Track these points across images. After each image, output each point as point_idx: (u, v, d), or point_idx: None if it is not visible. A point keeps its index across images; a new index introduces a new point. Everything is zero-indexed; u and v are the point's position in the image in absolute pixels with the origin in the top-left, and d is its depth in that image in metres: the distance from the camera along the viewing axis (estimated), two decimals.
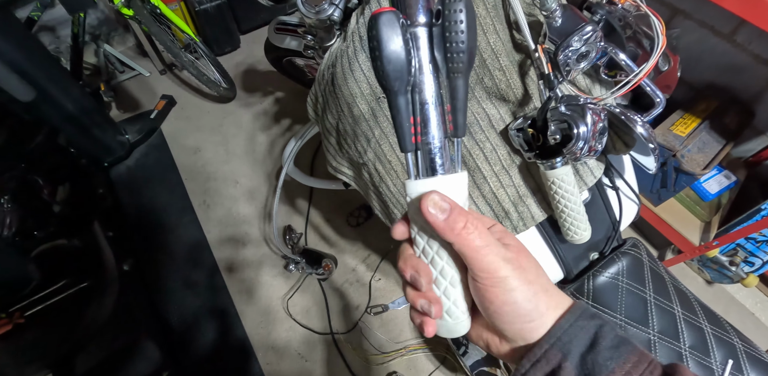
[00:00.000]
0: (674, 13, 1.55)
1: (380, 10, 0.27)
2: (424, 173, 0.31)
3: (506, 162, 0.57)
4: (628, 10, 0.57)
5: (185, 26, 1.81)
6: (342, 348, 1.38)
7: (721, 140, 1.41)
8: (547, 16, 0.52)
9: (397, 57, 0.27)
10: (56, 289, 0.91)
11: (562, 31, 0.52)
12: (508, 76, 0.54)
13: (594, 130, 0.49)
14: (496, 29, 0.54)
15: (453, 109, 0.30)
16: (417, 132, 0.30)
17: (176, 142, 1.93)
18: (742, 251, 1.47)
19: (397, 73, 0.28)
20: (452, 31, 0.27)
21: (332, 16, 0.70)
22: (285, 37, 1.32)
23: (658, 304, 0.67)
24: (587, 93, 0.61)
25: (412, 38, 0.30)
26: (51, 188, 1.06)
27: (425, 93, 0.30)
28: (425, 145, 0.30)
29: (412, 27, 0.30)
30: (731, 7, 0.97)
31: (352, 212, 1.60)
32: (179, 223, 1.65)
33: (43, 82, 1.37)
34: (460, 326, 0.32)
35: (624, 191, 0.67)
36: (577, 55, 0.50)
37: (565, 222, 0.57)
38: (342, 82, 0.61)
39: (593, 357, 0.27)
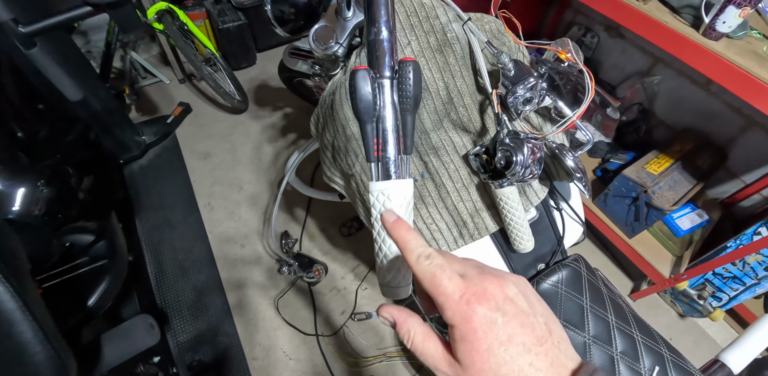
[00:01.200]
0: (656, 62, 1.69)
1: (357, 68, 0.41)
2: (382, 177, 0.44)
3: (466, 181, 0.70)
4: (573, 66, 0.71)
5: (208, 42, 1.97)
6: (325, 350, 1.47)
7: (692, 180, 1.49)
8: (502, 68, 0.66)
9: (366, 99, 0.41)
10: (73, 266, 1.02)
11: (513, 80, 0.65)
12: (470, 112, 0.68)
13: (533, 159, 0.62)
14: (462, 75, 0.68)
15: (403, 135, 0.43)
16: (378, 149, 0.43)
17: (188, 147, 2.07)
18: (710, 286, 1.53)
19: (366, 109, 0.41)
20: (404, 84, 0.41)
21: (337, 52, 0.84)
22: (297, 60, 1.47)
23: (594, 311, 0.78)
24: (538, 129, 0.74)
25: (379, 86, 0.43)
26: (78, 177, 1.19)
27: (386, 123, 0.43)
28: (384, 159, 0.43)
29: (381, 78, 0.43)
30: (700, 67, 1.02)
31: (345, 223, 1.72)
32: (184, 221, 1.77)
33: (79, 82, 1.52)
34: (401, 290, 0.44)
35: (570, 214, 0.79)
36: (523, 99, 0.63)
37: (512, 233, 0.69)
38: (339, 108, 0.75)
39: None
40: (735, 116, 1.47)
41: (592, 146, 1.26)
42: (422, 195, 0.73)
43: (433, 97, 0.68)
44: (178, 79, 2.39)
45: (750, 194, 1.52)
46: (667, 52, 1.10)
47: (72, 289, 0.98)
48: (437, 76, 0.67)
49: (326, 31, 0.83)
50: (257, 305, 1.57)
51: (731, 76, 0.97)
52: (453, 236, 0.74)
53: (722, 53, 0.96)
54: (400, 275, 0.43)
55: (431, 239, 0.75)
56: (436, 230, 0.74)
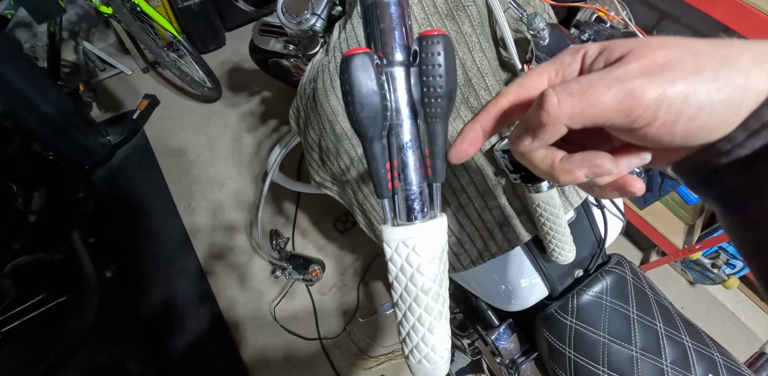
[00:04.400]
0: (662, 17, 1.55)
1: (353, 52, 0.26)
2: (401, 218, 0.30)
3: (491, 183, 0.56)
4: (616, 27, 0.56)
5: (167, 24, 1.76)
6: (330, 353, 1.38)
7: None
8: (534, 35, 0.50)
9: (371, 102, 0.26)
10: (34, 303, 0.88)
11: (549, 50, 0.51)
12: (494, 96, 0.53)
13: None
14: (482, 47, 0.52)
15: (431, 153, 0.28)
16: (394, 176, 0.29)
17: (160, 144, 1.89)
18: (724, 253, 1.49)
19: (371, 120, 0.26)
20: (430, 75, 0.26)
21: (314, 27, 0.68)
22: (270, 39, 1.29)
23: (641, 321, 0.67)
24: None
25: (389, 78, 0.28)
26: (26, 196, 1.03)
27: (403, 136, 0.29)
28: (403, 191, 0.29)
29: (389, 66, 0.28)
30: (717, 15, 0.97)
31: (339, 218, 1.59)
32: (163, 227, 1.62)
33: (19, 84, 1.33)
34: (438, 370, 0.32)
35: (609, 209, 0.67)
36: None
37: (551, 244, 0.56)
38: (323, 99, 0.60)
39: None
40: None
41: None
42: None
43: None
44: (141, 68, 2.17)
45: None
46: (676, 6, 1.01)
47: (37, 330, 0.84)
48: None
49: (298, 0, 0.66)
50: (253, 312, 1.45)
51: (753, 22, 0.89)
52: (477, 249, 0.61)
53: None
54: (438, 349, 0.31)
55: (451, 253, 0.62)
56: (456, 244, 0.61)
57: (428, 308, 0.30)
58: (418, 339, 0.31)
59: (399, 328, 0.32)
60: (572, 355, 0.67)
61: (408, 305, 0.30)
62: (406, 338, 0.31)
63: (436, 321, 0.30)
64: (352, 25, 0.56)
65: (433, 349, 0.31)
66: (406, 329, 0.31)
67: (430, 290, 0.29)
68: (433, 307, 0.30)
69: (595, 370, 0.67)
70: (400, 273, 0.29)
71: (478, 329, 0.86)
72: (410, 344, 0.31)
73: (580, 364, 0.67)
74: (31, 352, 0.84)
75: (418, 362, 0.31)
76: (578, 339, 0.67)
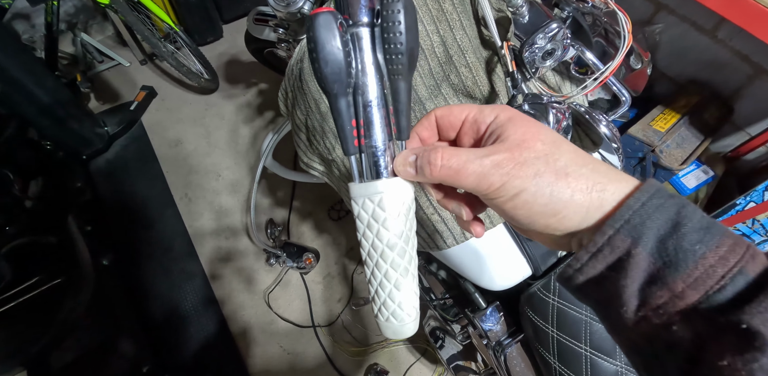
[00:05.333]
0: (658, 9, 1.55)
1: (318, 11, 0.26)
2: (368, 176, 0.31)
3: None
4: (597, 7, 0.57)
5: (164, 15, 1.76)
6: (324, 341, 1.39)
7: (700, 136, 1.42)
8: (513, 12, 0.51)
9: (335, 59, 0.27)
10: (29, 285, 0.90)
11: (528, 28, 0.51)
12: (475, 73, 0.54)
13: (558, 128, 0.49)
14: (462, 25, 0.53)
15: (396, 111, 0.29)
16: (360, 134, 0.30)
17: (157, 135, 1.90)
18: None
19: (335, 76, 0.27)
20: (391, 32, 0.27)
21: (302, 9, 0.68)
22: (264, 28, 1.30)
23: None
24: (556, 90, 0.60)
25: (355, 39, 0.29)
26: (22, 183, 1.04)
27: (368, 94, 0.29)
28: (369, 148, 0.30)
29: (354, 27, 0.29)
30: (712, 5, 0.97)
31: (333, 206, 1.60)
32: (160, 217, 1.63)
33: (16, 73, 1.34)
34: (406, 328, 0.32)
35: None
36: (542, 52, 0.50)
37: None
38: (309, 78, 0.60)
39: (676, 241, 0.21)
40: (743, 65, 1.37)
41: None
42: None
43: (427, 57, 0.53)
44: (138, 60, 2.17)
45: (755, 146, 1.45)
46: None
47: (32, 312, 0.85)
48: (431, 29, 0.52)
49: None
50: (248, 300, 1.47)
51: (748, 12, 0.90)
52: (460, 227, 0.61)
53: None
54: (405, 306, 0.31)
55: (434, 231, 0.63)
56: (440, 221, 0.62)
57: (394, 263, 0.30)
58: (385, 296, 0.31)
59: (368, 286, 0.33)
60: (555, 334, 0.68)
61: (375, 262, 0.31)
62: (374, 295, 0.32)
63: (402, 277, 0.31)
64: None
65: (400, 305, 0.31)
66: (374, 287, 0.32)
67: (396, 245, 0.30)
68: (399, 263, 0.30)
69: (577, 348, 0.67)
70: (367, 229, 0.30)
71: (467, 313, 0.87)
72: (378, 302, 0.32)
73: (563, 342, 0.68)
74: (26, 333, 0.86)
75: (386, 319, 0.32)
76: (561, 317, 0.67)
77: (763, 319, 0.19)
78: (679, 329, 0.21)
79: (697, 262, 0.21)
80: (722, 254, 0.21)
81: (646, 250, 0.22)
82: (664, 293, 0.21)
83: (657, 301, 0.22)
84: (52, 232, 0.97)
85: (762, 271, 0.21)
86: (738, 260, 0.21)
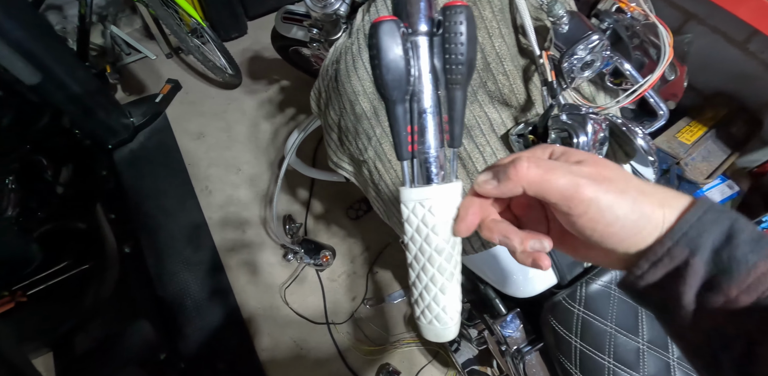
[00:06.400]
0: (687, 18, 1.53)
1: (381, 19, 0.27)
2: (419, 181, 0.31)
3: None
4: (636, 18, 0.57)
5: (192, 10, 1.79)
6: (337, 338, 1.40)
7: (727, 150, 1.39)
8: (553, 22, 0.51)
9: (396, 66, 0.28)
10: (58, 269, 0.93)
11: (568, 38, 0.52)
12: (512, 81, 0.54)
13: (594, 140, 0.49)
14: (501, 33, 0.53)
15: (450, 119, 0.30)
16: (414, 140, 0.31)
17: (180, 127, 1.93)
18: None
19: (395, 83, 0.28)
20: (452, 43, 0.27)
21: (338, 11, 0.69)
22: (292, 26, 1.32)
23: (649, 314, 0.68)
24: (591, 100, 0.60)
25: (413, 47, 0.30)
26: (54, 169, 1.07)
27: (423, 102, 0.30)
28: (421, 154, 0.31)
29: (414, 35, 0.30)
30: (745, 16, 0.95)
31: (352, 205, 1.61)
32: (181, 207, 1.66)
33: (50, 62, 1.37)
34: (448, 331, 0.33)
35: None
36: (581, 63, 0.50)
37: None
38: (345, 79, 0.61)
39: (730, 251, 0.24)
40: None
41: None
42: None
43: None
44: (164, 53, 2.21)
45: None
46: (702, 7, 0.99)
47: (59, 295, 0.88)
48: None
49: None
50: (263, 293, 1.49)
51: None
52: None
53: None
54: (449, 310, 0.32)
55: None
56: None
57: (441, 268, 0.31)
58: (429, 299, 0.32)
59: (411, 289, 0.33)
60: (578, 344, 0.68)
61: (422, 265, 0.32)
62: (418, 298, 0.33)
63: (447, 282, 0.32)
64: (377, 8, 0.58)
65: (444, 309, 0.32)
66: (418, 290, 0.33)
67: (444, 250, 0.31)
68: (445, 267, 0.31)
69: (600, 360, 0.67)
70: (416, 233, 0.31)
71: (486, 318, 0.87)
72: (422, 305, 0.33)
73: (585, 353, 0.68)
74: (54, 315, 0.88)
75: (428, 322, 0.33)
76: (585, 328, 0.67)
77: None
78: (734, 329, 0.24)
79: (750, 270, 0.23)
80: None
81: (702, 259, 0.24)
82: (720, 298, 0.24)
83: (713, 305, 0.24)
84: (81, 218, 1.00)
85: None
86: None
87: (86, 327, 0.94)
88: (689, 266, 0.24)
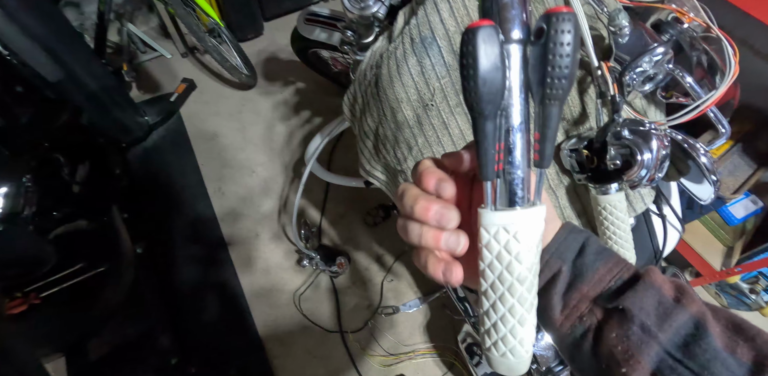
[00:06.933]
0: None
1: (479, 24, 0.25)
2: (502, 203, 0.29)
3: (554, 182, 0.55)
4: (694, 29, 0.54)
5: (211, 10, 1.78)
6: (350, 347, 1.38)
7: (753, 164, 1.36)
8: (614, 32, 0.49)
9: (494, 78, 0.25)
10: (73, 272, 0.90)
11: (628, 49, 0.49)
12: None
13: (657, 158, 0.47)
14: None
15: (542, 137, 0.27)
16: (500, 158, 0.28)
17: (194, 126, 1.91)
18: (764, 279, 1.42)
19: (491, 96, 0.25)
20: (556, 54, 0.25)
21: (377, 13, 0.67)
22: (315, 28, 1.30)
23: None
24: (642, 114, 0.58)
25: (506, 57, 0.27)
26: (71, 167, 1.05)
27: (512, 118, 0.28)
28: (507, 174, 0.28)
29: (507, 43, 0.27)
30: None
31: (370, 211, 1.58)
32: (193, 209, 1.64)
33: (69, 59, 1.36)
34: (523, 365, 0.31)
35: (669, 219, 0.65)
36: (643, 77, 0.47)
37: (611, 248, 0.54)
38: (388, 86, 0.59)
39: (582, 261, 0.32)
40: None
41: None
42: None
43: None
44: (180, 53, 2.20)
45: None
46: (730, 17, 0.96)
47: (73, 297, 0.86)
48: None
49: None
50: (277, 299, 1.46)
51: None
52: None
53: None
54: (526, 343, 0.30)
55: None
56: None
57: (522, 298, 0.29)
58: (506, 331, 0.30)
59: (483, 318, 0.31)
60: None
61: (500, 295, 0.29)
62: (491, 328, 0.30)
63: (527, 313, 0.29)
64: (425, 12, 0.56)
65: (521, 342, 0.30)
66: (492, 320, 0.30)
67: (526, 279, 0.28)
68: (526, 297, 0.29)
69: None
70: (495, 260, 0.29)
71: None
72: (495, 336, 0.30)
73: None
74: (66, 319, 0.86)
75: (501, 355, 0.30)
76: None
77: (631, 302, 0.29)
78: (587, 318, 0.31)
79: (595, 272, 0.32)
80: (610, 267, 0.32)
81: (566, 267, 0.32)
82: (577, 295, 0.32)
83: (572, 302, 0.32)
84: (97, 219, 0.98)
85: (631, 276, 0.31)
86: (619, 270, 0.32)
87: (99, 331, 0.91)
88: (561, 273, 0.32)
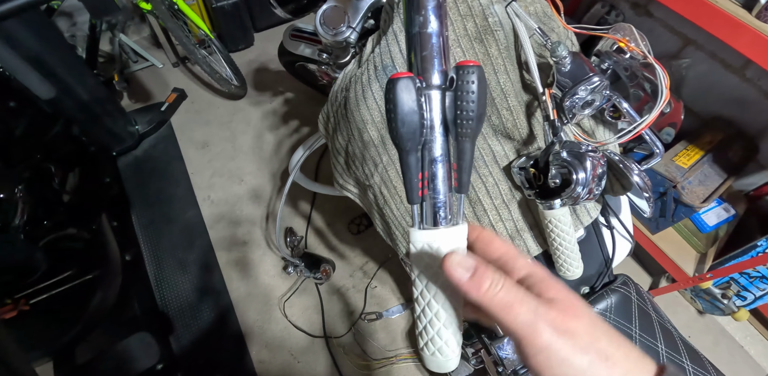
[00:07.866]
0: (686, 43, 1.55)
1: (398, 75, 0.30)
2: (428, 223, 0.33)
3: (507, 197, 0.60)
4: (635, 58, 0.59)
5: (201, 22, 1.82)
6: (334, 352, 1.41)
7: (723, 174, 1.40)
8: (556, 62, 0.54)
9: (411, 120, 0.30)
10: (62, 279, 0.94)
11: (570, 76, 0.54)
12: (515, 116, 0.57)
13: (593, 175, 0.51)
14: (506, 70, 0.56)
15: (459, 168, 0.32)
16: (424, 185, 0.33)
17: (184, 136, 1.95)
18: (735, 284, 1.46)
19: (409, 135, 0.30)
20: (464, 100, 0.30)
21: (349, 39, 0.72)
22: (299, 43, 1.34)
23: (643, 341, 0.70)
24: (590, 134, 0.63)
25: (426, 99, 0.32)
26: (62, 176, 1.08)
27: (434, 151, 0.32)
28: (431, 199, 0.33)
29: (427, 89, 0.32)
30: (742, 48, 0.97)
31: (353, 220, 1.62)
32: (183, 216, 1.67)
33: (62, 72, 1.39)
34: (450, 363, 0.35)
35: (618, 230, 0.69)
36: (582, 102, 0.52)
37: (559, 259, 0.59)
38: (354, 108, 0.64)
39: None
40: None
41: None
42: None
43: None
44: (171, 62, 2.24)
45: None
46: (700, 34, 1.01)
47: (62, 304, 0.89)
48: None
49: (336, 12, 0.71)
50: (262, 305, 1.49)
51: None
52: None
53: None
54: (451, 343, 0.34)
55: None
56: None
57: (445, 305, 0.33)
58: (433, 333, 0.34)
59: (416, 322, 0.35)
60: None
61: (427, 302, 0.34)
62: (423, 331, 0.35)
63: (450, 318, 0.34)
64: (387, 42, 0.60)
65: (447, 342, 0.34)
66: (423, 323, 0.35)
67: (448, 288, 0.33)
68: (450, 304, 0.33)
69: None
70: (423, 272, 0.33)
71: (483, 339, 0.88)
72: (426, 337, 0.35)
73: None
74: (54, 325, 0.89)
75: (431, 353, 0.35)
76: None
77: None
78: None
79: None
80: None
81: None
82: None
83: None
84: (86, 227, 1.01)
85: None
86: None
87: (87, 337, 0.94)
88: None
